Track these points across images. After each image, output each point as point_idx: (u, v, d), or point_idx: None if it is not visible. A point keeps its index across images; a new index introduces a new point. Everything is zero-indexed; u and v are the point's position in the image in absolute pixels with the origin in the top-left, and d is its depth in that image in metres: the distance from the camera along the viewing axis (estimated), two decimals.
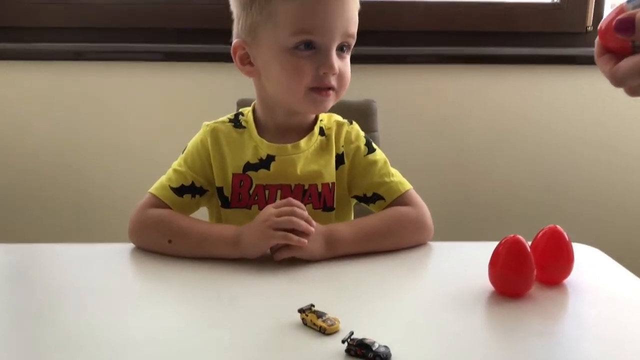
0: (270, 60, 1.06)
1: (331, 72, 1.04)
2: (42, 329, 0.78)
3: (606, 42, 0.69)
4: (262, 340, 0.76)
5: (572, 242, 0.92)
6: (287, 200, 1.00)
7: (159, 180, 1.12)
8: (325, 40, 1.03)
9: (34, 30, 1.94)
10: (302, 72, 1.03)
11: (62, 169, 1.96)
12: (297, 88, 1.04)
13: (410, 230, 1.07)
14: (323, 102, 1.07)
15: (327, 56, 1.03)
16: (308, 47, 1.03)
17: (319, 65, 1.03)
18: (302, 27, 1.02)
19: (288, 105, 1.09)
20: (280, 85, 1.07)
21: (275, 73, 1.06)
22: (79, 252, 1.07)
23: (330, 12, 1.02)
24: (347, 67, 1.08)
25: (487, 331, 0.82)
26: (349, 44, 1.07)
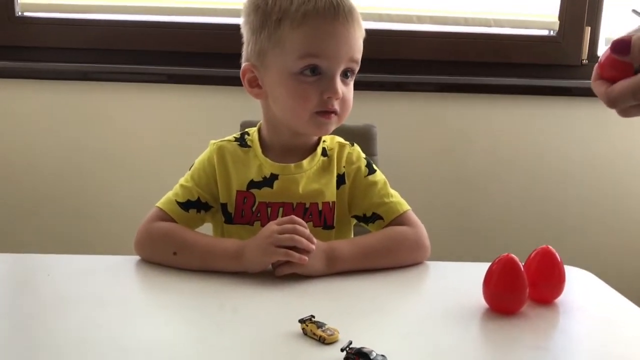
0: (278, 84, 1.10)
1: (335, 97, 1.08)
2: (47, 339, 0.80)
3: (604, 73, 0.73)
4: (263, 348, 0.78)
5: (564, 265, 0.95)
6: (290, 218, 1.03)
7: (166, 195, 1.15)
8: (330, 65, 1.07)
9: (41, 50, 1.98)
10: (307, 97, 1.08)
11: (67, 186, 1.98)
12: (302, 112, 1.09)
13: (408, 250, 1.10)
14: (326, 125, 1.11)
15: (332, 81, 1.07)
16: (314, 73, 1.07)
17: (324, 90, 1.07)
18: (308, 51, 1.06)
19: (293, 127, 1.13)
20: (286, 108, 1.11)
21: (281, 97, 1.10)
22: (85, 263, 1.09)
23: (336, 39, 1.07)
24: (350, 92, 1.12)
25: (480, 344, 0.85)
26: (352, 70, 1.11)
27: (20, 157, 1.98)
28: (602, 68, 0.74)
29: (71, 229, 1.99)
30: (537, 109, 2.01)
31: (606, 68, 0.73)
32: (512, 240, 2.01)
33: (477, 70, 2.00)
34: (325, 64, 1.07)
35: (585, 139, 2.02)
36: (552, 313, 0.90)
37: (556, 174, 2.03)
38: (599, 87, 0.73)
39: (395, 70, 1.98)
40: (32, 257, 1.14)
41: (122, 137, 1.98)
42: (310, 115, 1.09)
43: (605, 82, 0.72)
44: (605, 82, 0.73)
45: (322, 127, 1.11)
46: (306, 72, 1.07)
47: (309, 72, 1.07)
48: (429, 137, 2.01)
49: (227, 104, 1.92)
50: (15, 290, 0.99)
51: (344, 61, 1.08)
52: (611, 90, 0.71)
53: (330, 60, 1.07)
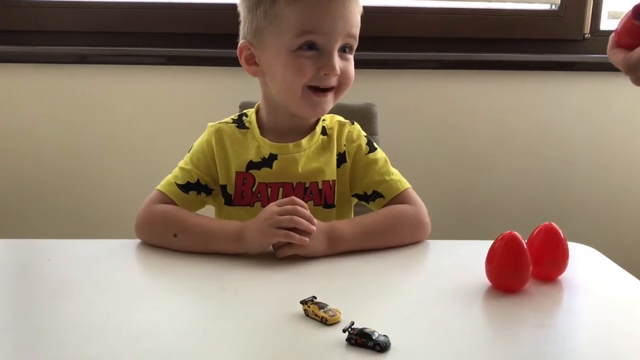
0: (274, 61, 1.09)
1: (333, 74, 1.07)
2: (50, 322, 0.80)
3: (621, 40, 0.72)
4: (265, 330, 0.78)
5: (568, 242, 0.95)
6: (290, 199, 1.02)
7: (166, 178, 1.15)
8: (327, 41, 1.06)
9: (39, 33, 1.96)
10: (303, 70, 1.07)
11: (66, 169, 1.98)
12: (296, 86, 1.07)
13: (408, 228, 1.09)
14: (321, 104, 1.10)
15: (329, 58, 1.06)
16: (311, 48, 1.06)
17: (321, 66, 1.06)
18: (304, 28, 1.05)
19: (288, 107, 1.12)
20: (282, 84, 1.10)
21: (278, 73, 1.09)
22: (85, 248, 1.09)
23: (332, 14, 1.06)
24: (350, 65, 1.11)
25: (483, 323, 0.85)
26: (351, 45, 1.10)
27: (18, 142, 1.97)
28: (619, 36, 0.73)
29: (71, 214, 1.99)
30: (540, 84, 1.99)
31: (623, 35, 0.73)
32: (514, 217, 2.01)
33: (478, 46, 1.98)
34: (322, 40, 1.06)
35: (588, 114, 2.01)
36: (555, 290, 0.90)
37: (559, 150, 2.02)
38: (616, 55, 0.73)
39: (396, 47, 1.96)
40: (32, 242, 1.14)
41: (122, 120, 1.97)
42: (303, 89, 1.08)
43: (623, 50, 0.71)
44: (622, 49, 0.72)
45: (318, 108, 1.10)
46: (303, 48, 1.06)
47: (306, 48, 1.06)
48: (430, 115, 1.99)
49: (226, 85, 1.91)
50: (16, 276, 0.98)
51: (341, 37, 1.07)
52: (630, 57, 0.70)
53: (327, 36, 1.06)
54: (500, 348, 0.76)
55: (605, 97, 1.99)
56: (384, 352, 0.71)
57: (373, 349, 0.71)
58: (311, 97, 1.09)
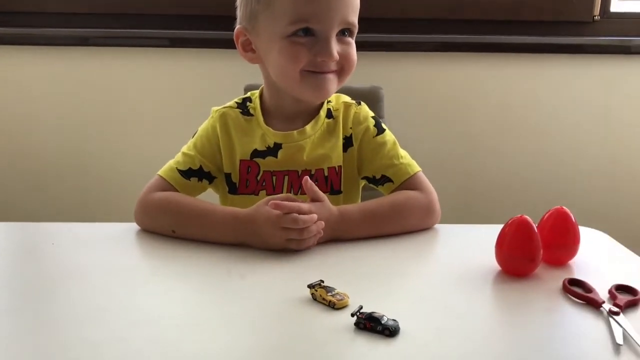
0: (269, 47, 1.06)
1: (330, 60, 1.03)
2: (51, 304, 0.79)
3: None
4: (271, 314, 0.77)
5: (579, 226, 0.93)
6: (286, 196, 0.98)
7: (168, 163, 1.13)
8: (323, 27, 1.02)
9: (40, 15, 1.95)
10: (298, 57, 1.03)
11: (68, 152, 1.97)
12: (293, 72, 1.04)
13: (418, 215, 1.07)
14: (323, 86, 1.06)
15: (326, 43, 1.02)
16: (306, 34, 1.02)
17: (317, 52, 1.03)
18: (299, 16, 1.01)
19: (289, 91, 1.09)
20: (279, 70, 1.07)
21: (274, 60, 1.06)
22: (89, 231, 1.08)
23: (326, 0, 1.01)
24: (351, 49, 1.07)
25: (493, 307, 0.83)
26: (350, 29, 1.06)
27: (21, 125, 1.96)
28: None
29: (73, 197, 1.99)
30: (549, 67, 1.97)
31: None
32: (522, 202, 1.99)
33: (486, 28, 1.95)
34: (317, 26, 1.02)
35: (597, 96, 1.98)
36: (566, 274, 0.88)
37: (568, 133, 2.00)
38: None
39: (402, 29, 1.93)
40: (36, 225, 1.13)
41: (124, 103, 1.96)
42: (300, 73, 1.04)
43: None
44: None
45: (318, 90, 1.06)
46: (299, 34, 1.02)
47: (301, 33, 1.02)
48: (437, 98, 1.97)
49: (230, 67, 1.88)
50: (20, 259, 0.97)
51: (338, 23, 1.03)
52: None
53: (323, 23, 1.02)
54: (510, 332, 0.74)
55: (615, 80, 1.97)
56: (393, 336, 0.70)
57: (382, 334, 0.70)
58: (310, 79, 1.05)
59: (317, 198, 1.00)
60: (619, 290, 0.83)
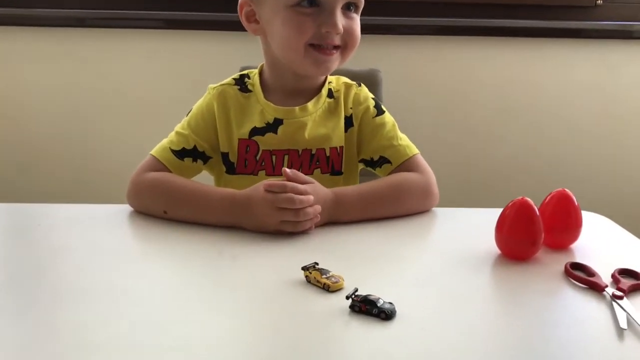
0: (273, 17, 1.03)
1: (334, 32, 1.01)
2: (42, 287, 0.77)
3: None
4: (264, 297, 0.74)
5: (581, 210, 0.91)
6: (282, 185, 0.93)
7: (161, 142, 1.10)
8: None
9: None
10: (303, 28, 1.01)
11: (63, 133, 1.95)
12: (297, 44, 1.02)
13: (416, 197, 1.05)
14: (325, 63, 1.04)
15: (331, 15, 1.00)
16: (311, 4, 1.00)
17: (322, 23, 1.00)
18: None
19: (291, 65, 1.06)
20: (282, 42, 1.04)
21: (277, 30, 1.03)
22: (80, 212, 1.05)
23: None
24: (355, 24, 1.05)
25: (492, 291, 0.81)
26: (356, 4, 1.04)
27: (15, 106, 1.94)
28: None
29: (67, 177, 1.97)
30: (550, 51, 1.94)
31: None
32: (523, 187, 1.97)
33: (487, 12, 1.93)
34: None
35: (599, 81, 1.97)
36: (568, 258, 0.86)
37: (569, 117, 1.98)
38: None
39: (402, 12, 1.91)
40: (24, 206, 1.10)
41: (119, 84, 1.94)
42: (305, 47, 1.02)
43: None
44: None
45: (321, 65, 1.04)
46: (303, 4, 1.00)
47: (306, 4, 1.00)
48: (436, 82, 1.95)
49: (226, 49, 1.86)
50: (9, 238, 0.95)
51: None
52: None
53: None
54: (509, 316, 0.73)
55: (617, 64, 1.95)
56: (389, 319, 0.68)
57: (378, 317, 0.68)
58: (315, 55, 1.03)
59: (306, 182, 0.97)
60: (622, 274, 0.81)
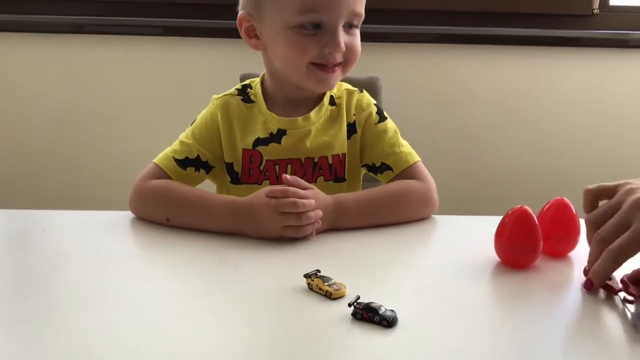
0: (275, 36, 1.04)
1: (337, 51, 1.02)
2: (42, 292, 0.77)
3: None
4: (266, 304, 0.75)
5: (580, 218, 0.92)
6: (283, 191, 0.94)
7: (164, 150, 1.10)
8: (331, 18, 1.00)
9: (33, 2, 1.93)
10: (305, 49, 1.01)
11: (61, 141, 1.95)
12: (299, 64, 1.03)
13: (416, 205, 1.06)
14: (328, 80, 1.05)
15: (334, 35, 1.01)
16: (314, 27, 1.00)
17: (325, 44, 1.01)
18: (307, 5, 0.99)
19: (293, 81, 1.08)
20: (284, 61, 1.05)
21: (279, 49, 1.04)
22: (82, 218, 1.06)
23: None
24: (356, 40, 1.05)
25: (492, 299, 0.82)
26: (357, 21, 1.05)
27: (12, 112, 1.94)
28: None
29: (66, 184, 1.97)
30: (547, 59, 1.96)
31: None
32: (521, 194, 1.98)
33: (485, 20, 1.94)
34: (325, 17, 1.00)
35: (596, 90, 1.98)
36: (566, 266, 0.87)
37: (566, 125, 2.00)
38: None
39: (401, 21, 1.92)
40: (28, 212, 1.11)
41: (118, 91, 1.94)
42: (307, 66, 1.03)
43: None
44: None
45: (323, 82, 1.06)
46: (306, 26, 1.00)
47: (309, 27, 1.00)
48: (435, 90, 1.96)
49: (225, 56, 1.87)
50: (10, 246, 0.95)
51: (345, 14, 1.01)
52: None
53: (331, 14, 1.00)
54: (509, 324, 0.73)
55: (614, 73, 1.96)
56: (391, 327, 0.68)
57: (380, 324, 0.68)
58: (317, 73, 1.04)
59: (306, 188, 0.98)
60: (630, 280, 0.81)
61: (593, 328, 0.72)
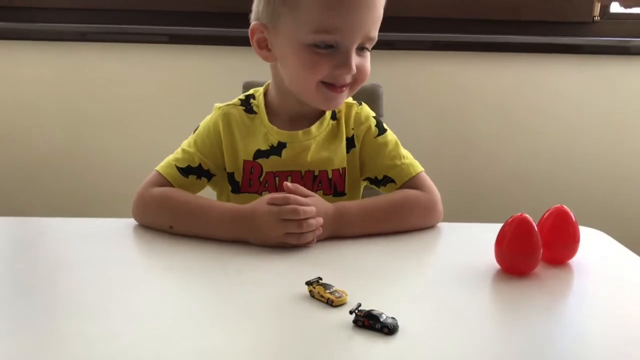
0: (288, 51, 1.03)
1: (348, 73, 1.02)
2: (47, 301, 0.78)
3: None
4: (269, 311, 0.76)
5: (579, 225, 0.92)
6: (284, 198, 0.96)
7: (167, 158, 1.11)
8: (345, 41, 1.00)
9: (39, 10, 1.94)
10: (317, 68, 1.01)
11: (65, 147, 1.96)
12: (309, 82, 1.03)
13: (418, 215, 1.06)
14: (335, 99, 1.06)
15: (347, 57, 1.01)
16: (328, 47, 1.00)
17: (337, 65, 1.01)
18: (323, 26, 0.99)
19: (300, 97, 1.08)
20: (294, 77, 1.05)
21: (291, 64, 1.04)
22: (85, 226, 1.07)
23: (353, 14, 0.99)
24: (366, 62, 1.05)
25: (492, 306, 0.83)
26: (369, 44, 1.05)
27: (18, 120, 1.95)
28: None
29: (70, 192, 1.98)
30: (548, 66, 1.97)
31: None
32: (522, 201, 1.99)
33: (486, 27, 1.95)
34: (340, 39, 1.00)
35: (596, 97, 1.98)
36: (566, 274, 0.88)
37: (567, 133, 2.00)
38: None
39: (402, 28, 1.93)
40: (30, 220, 1.12)
41: (122, 99, 1.95)
42: (317, 84, 1.03)
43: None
44: None
45: (331, 101, 1.06)
46: (320, 45, 1.00)
47: (323, 46, 1.00)
48: (437, 97, 1.97)
49: (228, 64, 1.88)
50: (13, 254, 0.96)
51: (360, 38, 1.01)
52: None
53: (346, 37, 1.00)
54: (510, 331, 0.74)
55: (614, 80, 1.97)
56: (392, 334, 0.69)
57: (381, 332, 0.69)
58: (325, 92, 1.04)
59: (307, 196, 0.99)
60: None
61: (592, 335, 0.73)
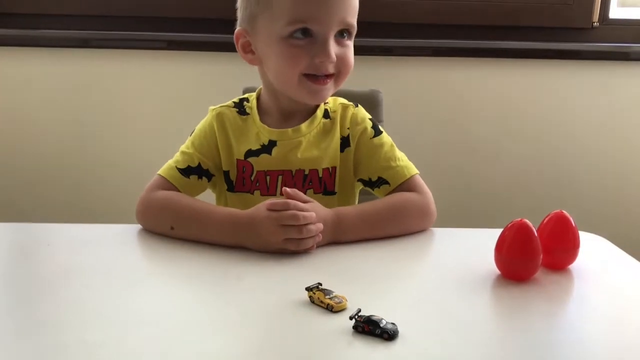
0: (268, 50, 1.06)
1: (328, 61, 1.04)
2: (48, 305, 0.78)
3: None
4: (269, 317, 0.76)
5: (579, 231, 0.92)
6: (284, 204, 0.95)
7: (167, 162, 1.13)
8: (321, 28, 1.03)
9: (40, 17, 1.94)
10: (296, 60, 1.03)
11: (67, 153, 1.96)
12: (291, 75, 1.05)
13: (414, 217, 1.07)
14: (320, 92, 1.07)
15: (324, 45, 1.03)
16: (305, 35, 1.03)
17: (315, 53, 1.03)
18: (297, 16, 1.02)
19: (286, 93, 1.10)
20: (277, 73, 1.07)
21: (272, 61, 1.07)
22: (86, 232, 1.07)
23: (325, 1, 1.02)
24: (349, 52, 1.07)
25: (492, 312, 0.83)
26: (348, 30, 1.06)
27: (20, 126, 1.95)
28: None
29: (72, 198, 1.98)
30: (547, 73, 1.97)
31: None
32: (522, 207, 1.99)
33: (486, 33, 1.96)
34: (315, 27, 1.03)
35: (596, 103, 1.99)
36: (566, 279, 0.88)
37: (567, 138, 2.00)
38: None
39: (401, 34, 1.94)
40: (33, 226, 1.12)
41: (122, 105, 1.95)
42: (299, 77, 1.05)
43: None
44: None
45: (316, 94, 1.07)
46: (296, 35, 1.03)
47: (299, 35, 1.03)
48: (436, 103, 1.97)
49: (228, 70, 1.87)
50: (15, 260, 0.96)
51: (336, 24, 1.03)
52: None
53: (321, 24, 1.02)
54: (510, 337, 0.74)
55: (614, 86, 1.97)
56: (391, 340, 0.69)
57: (381, 337, 0.69)
58: (309, 85, 1.06)
59: (306, 201, 0.99)
60: None
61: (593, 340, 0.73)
